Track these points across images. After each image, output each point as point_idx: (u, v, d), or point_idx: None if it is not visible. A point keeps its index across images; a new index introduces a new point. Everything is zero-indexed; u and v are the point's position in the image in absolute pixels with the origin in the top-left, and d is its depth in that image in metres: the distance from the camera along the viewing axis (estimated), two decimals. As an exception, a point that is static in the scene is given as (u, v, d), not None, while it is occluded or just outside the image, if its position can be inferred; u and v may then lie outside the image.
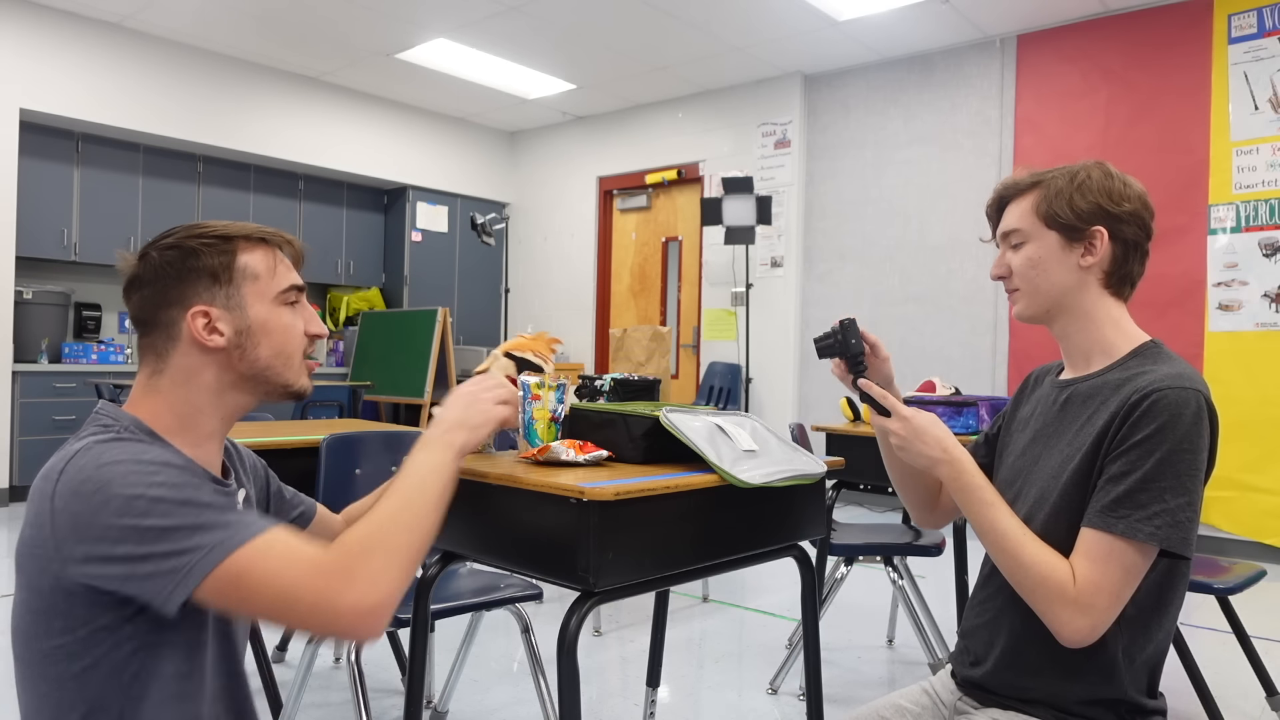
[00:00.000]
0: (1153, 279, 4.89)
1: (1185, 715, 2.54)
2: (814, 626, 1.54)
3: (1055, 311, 1.29)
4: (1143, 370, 1.20)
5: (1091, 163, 1.29)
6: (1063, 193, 1.25)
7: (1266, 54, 4.59)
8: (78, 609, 0.92)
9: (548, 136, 7.89)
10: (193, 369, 1.05)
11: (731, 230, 5.86)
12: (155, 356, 1.05)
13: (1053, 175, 1.29)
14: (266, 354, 1.07)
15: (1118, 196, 1.24)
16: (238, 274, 1.06)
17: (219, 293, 1.05)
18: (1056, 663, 1.21)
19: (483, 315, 7.97)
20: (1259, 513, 4.55)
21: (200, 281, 1.04)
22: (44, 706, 0.94)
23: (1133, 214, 1.24)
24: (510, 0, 5.20)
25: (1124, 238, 1.25)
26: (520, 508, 1.24)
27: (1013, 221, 1.31)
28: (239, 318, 1.06)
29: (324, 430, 2.31)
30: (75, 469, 0.91)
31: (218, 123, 6.24)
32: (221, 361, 1.06)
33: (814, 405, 6.19)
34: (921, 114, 5.79)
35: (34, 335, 5.66)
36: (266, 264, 1.09)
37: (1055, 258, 1.27)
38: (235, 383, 1.07)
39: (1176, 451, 1.11)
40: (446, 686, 2.44)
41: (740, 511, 1.36)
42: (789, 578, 4.02)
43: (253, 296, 1.07)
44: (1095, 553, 1.13)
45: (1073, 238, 1.25)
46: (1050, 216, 1.26)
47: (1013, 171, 1.38)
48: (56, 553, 0.90)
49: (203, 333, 1.04)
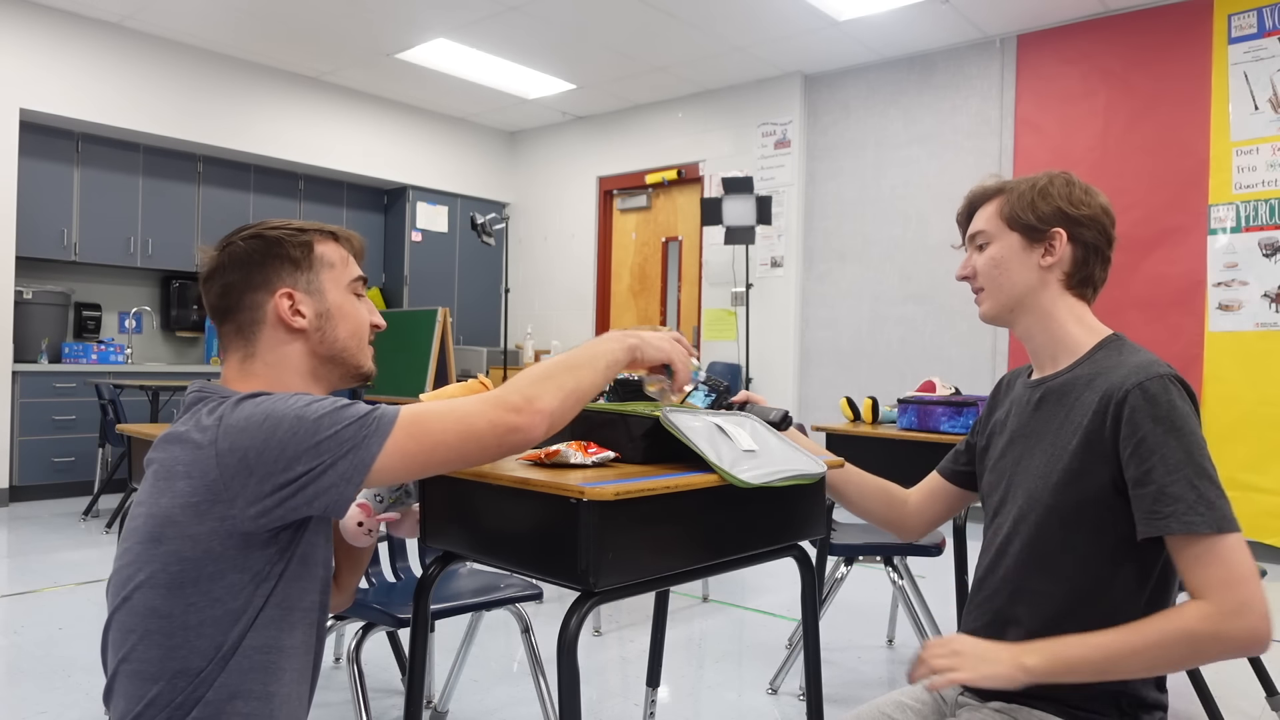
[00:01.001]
0: (1153, 279, 4.89)
1: (1185, 715, 2.54)
2: (814, 626, 1.54)
3: (1018, 311, 1.34)
4: (1110, 363, 1.23)
5: (1056, 172, 1.34)
6: (1024, 195, 1.32)
7: (1266, 54, 4.59)
8: (231, 555, 0.98)
9: (548, 136, 7.89)
10: (282, 349, 1.13)
11: (731, 230, 5.86)
12: (244, 341, 1.13)
13: (1017, 182, 1.35)
14: (344, 335, 1.16)
15: (1077, 201, 1.30)
16: (317, 261, 1.15)
17: (300, 278, 1.14)
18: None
19: (483, 315, 7.97)
20: (1259, 513, 4.55)
21: (284, 267, 1.13)
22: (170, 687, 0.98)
23: (1091, 218, 1.30)
24: (510, 0, 5.21)
25: (1084, 240, 1.30)
26: (520, 508, 1.24)
27: (979, 224, 1.37)
28: (319, 301, 1.14)
29: (324, 430, 2.30)
30: (240, 414, 0.99)
31: (218, 123, 6.24)
32: (304, 343, 1.14)
33: (814, 405, 6.19)
34: (921, 114, 5.79)
35: (34, 335, 5.66)
36: (340, 255, 1.18)
37: (1017, 257, 1.32)
38: (315, 367, 1.15)
39: (1181, 436, 1.12)
40: (446, 686, 2.44)
41: (740, 511, 1.36)
42: (789, 578, 4.02)
43: (330, 283, 1.16)
44: (1198, 557, 1.09)
45: (1033, 238, 1.31)
46: (1012, 218, 1.32)
47: (993, 175, 1.41)
48: (225, 493, 0.96)
49: (288, 313, 1.12)
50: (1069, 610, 1.22)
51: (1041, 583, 1.25)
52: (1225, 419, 4.66)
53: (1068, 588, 1.23)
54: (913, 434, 2.57)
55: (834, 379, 6.13)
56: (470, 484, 1.32)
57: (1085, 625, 1.17)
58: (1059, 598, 1.23)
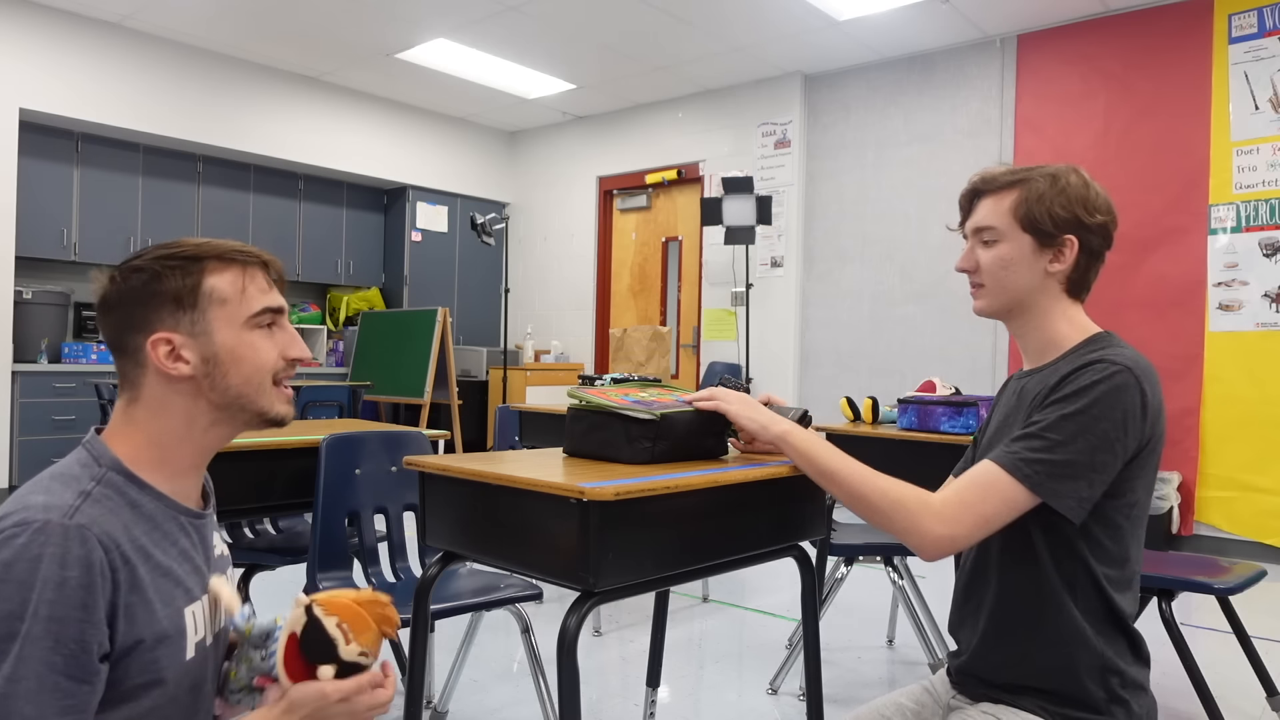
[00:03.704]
0: (1153, 279, 4.89)
1: (1185, 715, 2.54)
2: (814, 626, 1.54)
3: (1016, 310, 1.34)
4: (1090, 353, 1.25)
5: (1068, 167, 1.31)
6: (1044, 197, 1.28)
7: (1267, 54, 4.59)
8: None
9: (548, 136, 7.89)
10: (163, 398, 1.01)
11: (731, 230, 5.86)
12: (129, 384, 1.02)
13: (1033, 176, 1.31)
14: (237, 382, 1.02)
15: (1092, 207, 1.28)
16: (203, 298, 1.01)
17: (183, 319, 1.00)
18: (1030, 637, 1.24)
19: (483, 315, 7.97)
20: (1259, 513, 4.55)
21: (164, 307, 1.00)
22: None
23: (1102, 226, 1.29)
24: (510, 0, 5.20)
25: (1091, 247, 1.30)
26: (520, 508, 1.24)
27: (989, 218, 1.33)
28: (205, 344, 1.00)
29: (324, 430, 2.31)
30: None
31: (218, 123, 6.24)
32: (191, 391, 1.01)
33: (814, 405, 6.19)
34: (921, 114, 5.79)
35: (34, 335, 5.66)
36: (235, 287, 1.02)
37: (1026, 260, 1.30)
38: (209, 413, 1.03)
39: (1084, 415, 1.17)
40: (446, 686, 2.44)
41: (740, 511, 1.36)
42: (789, 578, 4.02)
43: (220, 322, 1.01)
44: (977, 474, 1.20)
45: (1045, 243, 1.29)
46: (1028, 220, 1.29)
47: (1001, 164, 1.40)
48: None
49: (165, 361, 0.99)
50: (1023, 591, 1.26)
51: (1009, 562, 1.29)
52: (1225, 419, 4.66)
53: (1035, 571, 1.25)
54: (913, 434, 2.57)
55: (834, 379, 6.13)
56: (470, 484, 1.32)
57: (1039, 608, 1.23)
58: (1026, 582, 1.26)
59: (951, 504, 1.18)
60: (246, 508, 2.15)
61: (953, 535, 1.18)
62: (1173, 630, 2.25)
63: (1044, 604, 1.23)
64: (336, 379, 7.08)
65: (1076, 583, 1.22)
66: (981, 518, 1.18)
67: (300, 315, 7.25)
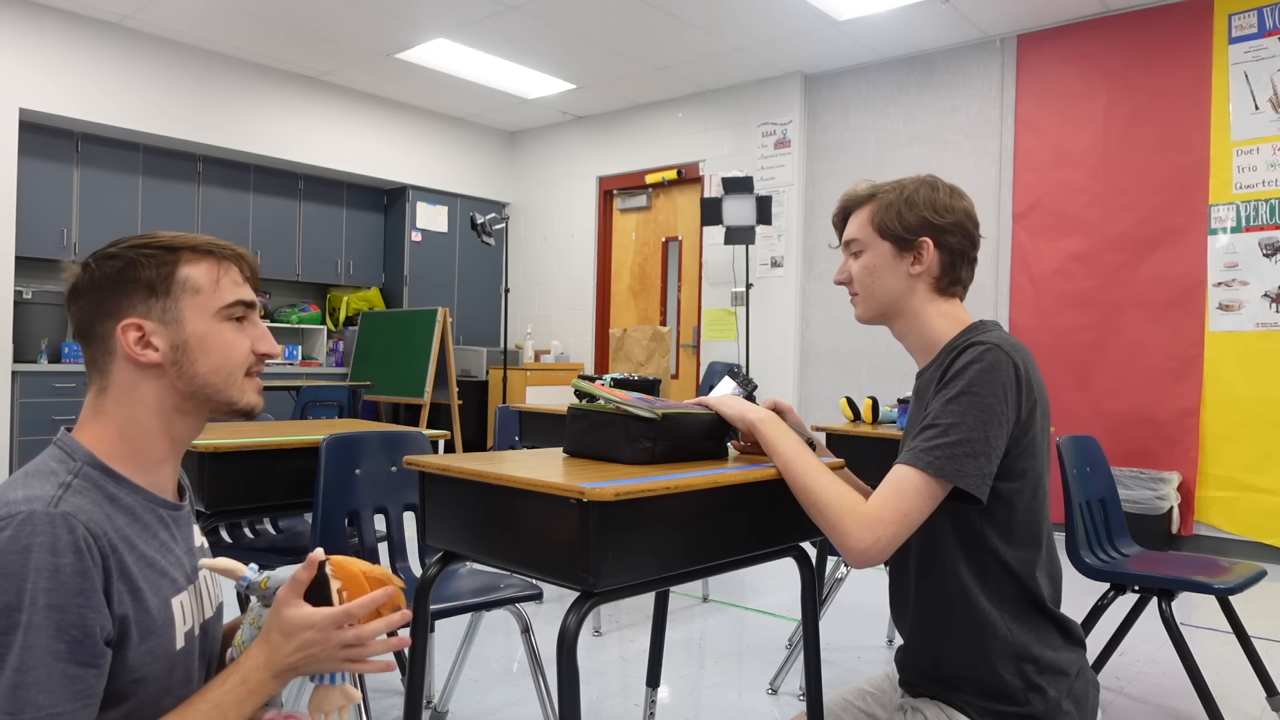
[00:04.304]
0: (1153, 279, 4.89)
1: (1185, 715, 2.54)
2: (814, 626, 1.54)
3: (891, 314, 1.42)
4: (964, 341, 1.32)
5: (920, 178, 1.40)
6: (892, 206, 1.38)
7: (1267, 54, 4.59)
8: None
9: (548, 136, 7.89)
10: (131, 386, 1.01)
11: (731, 230, 5.86)
12: (99, 373, 1.02)
13: (886, 189, 1.40)
14: (205, 370, 1.03)
15: (942, 209, 1.36)
16: (176, 287, 1.02)
17: (155, 306, 1.01)
18: (946, 630, 1.30)
19: (483, 315, 7.97)
20: (1259, 513, 4.55)
21: (136, 294, 1.00)
22: None
23: (956, 225, 1.37)
24: (510, 0, 5.20)
25: (950, 246, 1.37)
26: (520, 508, 1.24)
27: (853, 231, 1.43)
28: (175, 332, 1.01)
29: (324, 430, 2.31)
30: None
31: (218, 123, 6.24)
32: (159, 379, 1.01)
33: (814, 405, 6.19)
34: (921, 114, 5.79)
35: (34, 335, 5.67)
36: (209, 278, 1.04)
37: (888, 266, 1.39)
38: (178, 403, 1.03)
39: (966, 395, 1.23)
40: (446, 686, 2.44)
41: (740, 511, 1.36)
42: (789, 578, 4.02)
43: (191, 311, 1.02)
44: (889, 478, 1.25)
45: (902, 247, 1.37)
46: (882, 227, 1.38)
47: (865, 180, 1.46)
48: None
49: (134, 347, 0.99)
50: (937, 585, 1.32)
51: (923, 557, 1.35)
52: (1225, 419, 4.66)
53: (946, 565, 1.31)
54: (913, 434, 2.56)
55: (834, 379, 6.13)
56: (470, 484, 1.32)
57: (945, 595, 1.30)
58: (938, 577, 1.32)
59: (873, 508, 1.22)
60: (246, 508, 2.15)
61: (876, 538, 1.21)
62: (1173, 630, 2.25)
63: (955, 596, 1.28)
64: (336, 379, 7.08)
65: (988, 572, 1.27)
66: (900, 514, 1.21)
67: (300, 315, 7.25)
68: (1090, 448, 2.73)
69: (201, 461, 2.00)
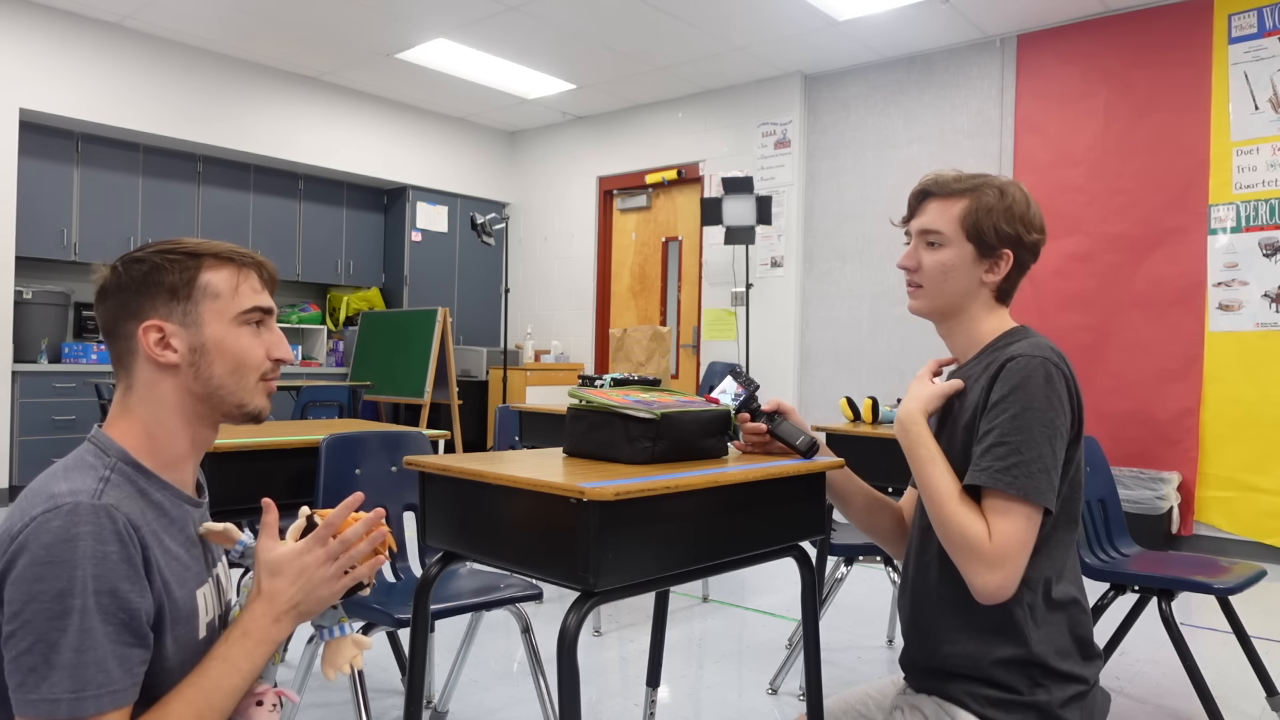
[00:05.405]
0: (1153, 279, 4.89)
1: (1185, 715, 2.54)
2: (814, 626, 1.54)
3: (949, 313, 1.40)
4: (1007, 347, 1.31)
5: (1014, 183, 1.38)
6: (993, 211, 1.35)
7: (1266, 54, 4.59)
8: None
9: (548, 136, 7.89)
10: (153, 385, 1.06)
11: (731, 230, 5.86)
12: (124, 372, 1.07)
13: (984, 187, 1.36)
14: (220, 373, 1.07)
15: (1031, 225, 1.36)
16: (197, 291, 1.07)
17: (176, 309, 1.06)
18: (962, 625, 1.29)
19: (483, 315, 7.97)
20: (1259, 513, 4.55)
21: (159, 297, 1.06)
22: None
23: (1035, 244, 1.37)
24: (510, 0, 5.21)
25: (1023, 262, 1.38)
26: (520, 508, 1.24)
27: (938, 222, 1.38)
28: (194, 335, 1.06)
29: (324, 430, 2.31)
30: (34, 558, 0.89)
31: (218, 123, 6.24)
32: (177, 379, 1.06)
33: (814, 405, 6.19)
34: (921, 114, 5.79)
35: (34, 335, 5.66)
36: (229, 284, 1.09)
37: (965, 268, 1.36)
38: (195, 405, 1.07)
39: (1029, 410, 1.22)
40: (446, 686, 2.44)
41: (740, 511, 1.36)
42: (789, 578, 4.02)
43: (210, 315, 1.07)
44: (995, 508, 1.22)
45: (985, 254, 1.36)
46: (975, 230, 1.35)
47: (952, 169, 1.43)
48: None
49: (154, 348, 1.04)
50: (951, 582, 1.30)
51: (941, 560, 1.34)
52: (1225, 419, 4.66)
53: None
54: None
55: (834, 379, 6.13)
56: (470, 484, 1.32)
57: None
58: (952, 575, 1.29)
59: (999, 545, 1.20)
60: (247, 508, 2.15)
61: (1004, 578, 1.20)
62: (1173, 630, 2.25)
63: (967, 595, 1.26)
64: (336, 379, 7.08)
65: (1028, 579, 1.26)
66: (1022, 546, 1.20)
67: (300, 315, 7.25)
68: (1090, 448, 2.73)
69: (202, 461, 2.00)
